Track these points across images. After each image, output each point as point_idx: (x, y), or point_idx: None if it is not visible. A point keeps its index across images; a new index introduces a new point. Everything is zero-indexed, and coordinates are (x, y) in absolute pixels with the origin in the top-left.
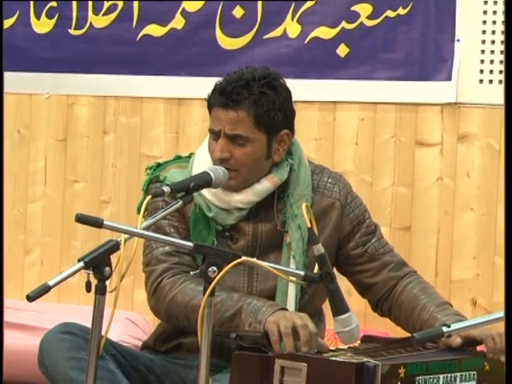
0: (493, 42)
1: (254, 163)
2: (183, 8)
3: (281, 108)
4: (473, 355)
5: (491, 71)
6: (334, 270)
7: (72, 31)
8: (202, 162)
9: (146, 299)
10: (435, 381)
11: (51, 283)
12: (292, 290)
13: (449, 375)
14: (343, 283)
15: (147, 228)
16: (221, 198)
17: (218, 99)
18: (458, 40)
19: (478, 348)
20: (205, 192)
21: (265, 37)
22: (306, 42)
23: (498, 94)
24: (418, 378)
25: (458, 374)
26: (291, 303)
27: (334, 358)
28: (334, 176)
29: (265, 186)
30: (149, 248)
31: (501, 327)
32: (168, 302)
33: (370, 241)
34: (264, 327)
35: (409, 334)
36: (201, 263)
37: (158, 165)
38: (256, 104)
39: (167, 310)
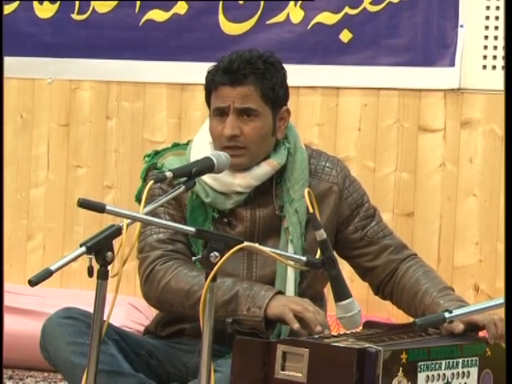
0: (496, 27)
1: (262, 139)
2: None
3: (282, 84)
4: (474, 341)
5: (494, 57)
6: (335, 255)
7: (75, 16)
8: (200, 149)
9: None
10: (437, 366)
11: (53, 268)
12: (291, 275)
13: (451, 361)
14: (345, 269)
15: (149, 213)
16: (221, 181)
17: (224, 77)
18: (462, 26)
19: (480, 334)
20: (204, 176)
21: (268, 22)
22: (309, 27)
23: (501, 80)
24: (420, 363)
25: (460, 360)
26: (290, 288)
27: (335, 344)
28: (332, 160)
29: (264, 169)
30: (143, 235)
31: (503, 313)
32: (161, 288)
33: (369, 224)
34: (266, 312)
35: (411, 319)
36: (202, 249)
37: (156, 152)
38: (262, 78)
39: (160, 296)
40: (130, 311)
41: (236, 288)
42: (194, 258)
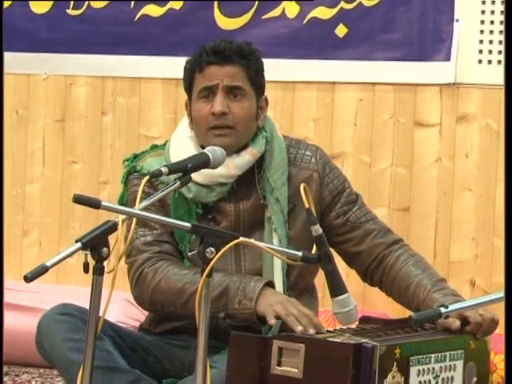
0: (492, 22)
1: (249, 120)
2: None
3: (263, 72)
4: (460, 334)
5: (490, 51)
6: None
7: (70, 11)
8: (179, 145)
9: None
10: (427, 360)
11: (49, 264)
12: (278, 267)
13: (439, 354)
14: (341, 264)
15: (144, 209)
16: (203, 173)
17: (212, 57)
18: (457, 20)
19: None
20: None
21: (263, 17)
22: (304, 22)
23: (496, 75)
24: (412, 357)
25: (447, 353)
26: (279, 281)
27: (332, 339)
28: (311, 148)
29: (245, 158)
30: None
31: (498, 308)
32: (152, 289)
33: (351, 210)
34: (256, 305)
35: (407, 314)
36: (190, 246)
37: (135, 156)
38: (248, 60)
39: (151, 297)
40: (126, 307)
41: (226, 282)
42: (189, 253)
